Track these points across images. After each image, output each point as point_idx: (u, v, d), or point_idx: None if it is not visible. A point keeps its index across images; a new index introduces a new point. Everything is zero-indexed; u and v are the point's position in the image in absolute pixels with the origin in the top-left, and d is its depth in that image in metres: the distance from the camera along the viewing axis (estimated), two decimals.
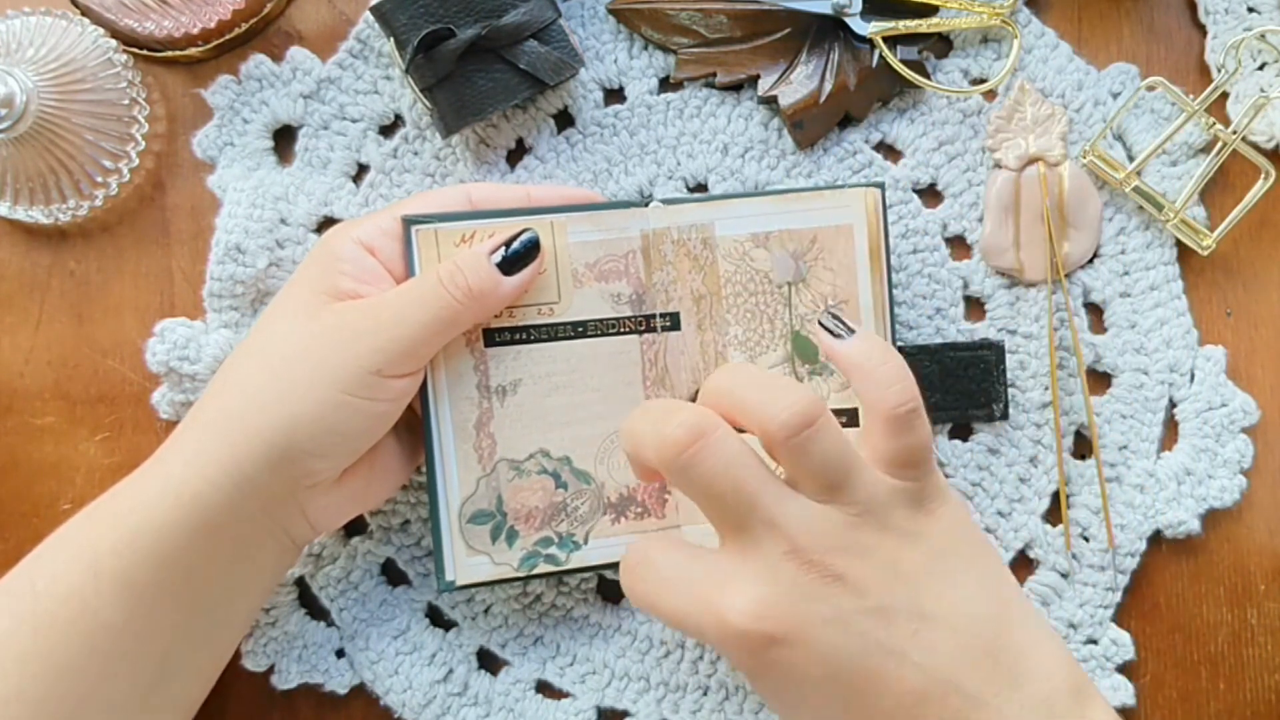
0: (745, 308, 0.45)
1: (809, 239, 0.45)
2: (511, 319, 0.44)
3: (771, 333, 0.46)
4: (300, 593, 0.49)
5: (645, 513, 0.46)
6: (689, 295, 0.46)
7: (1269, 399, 0.50)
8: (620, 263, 0.45)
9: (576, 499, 0.45)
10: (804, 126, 0.49)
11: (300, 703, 0.49)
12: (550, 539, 0.45)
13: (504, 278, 0.42)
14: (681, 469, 0.36)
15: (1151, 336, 0.50)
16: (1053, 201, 0.49)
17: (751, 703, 0.49)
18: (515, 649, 0.49)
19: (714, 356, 0.46)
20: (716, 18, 0.49)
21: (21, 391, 0.50)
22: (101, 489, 0.41)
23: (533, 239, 0.43)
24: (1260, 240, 0.50)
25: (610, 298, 0.45)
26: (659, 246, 0.45)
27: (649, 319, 0.46)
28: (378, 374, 0.40)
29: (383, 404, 0.41)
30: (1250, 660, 0.50)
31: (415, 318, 0.41)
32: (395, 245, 0.43)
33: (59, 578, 0.39)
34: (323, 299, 0.41)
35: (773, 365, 0.46)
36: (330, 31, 0.50)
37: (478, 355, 0.44)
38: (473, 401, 0.44)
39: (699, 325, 0.46)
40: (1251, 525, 0.50)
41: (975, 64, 0.50)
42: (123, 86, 0.48)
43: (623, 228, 0.45)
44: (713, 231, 0.45)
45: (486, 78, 0.46)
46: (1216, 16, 0.50)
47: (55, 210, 0.48)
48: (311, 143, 0.50)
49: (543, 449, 0.45)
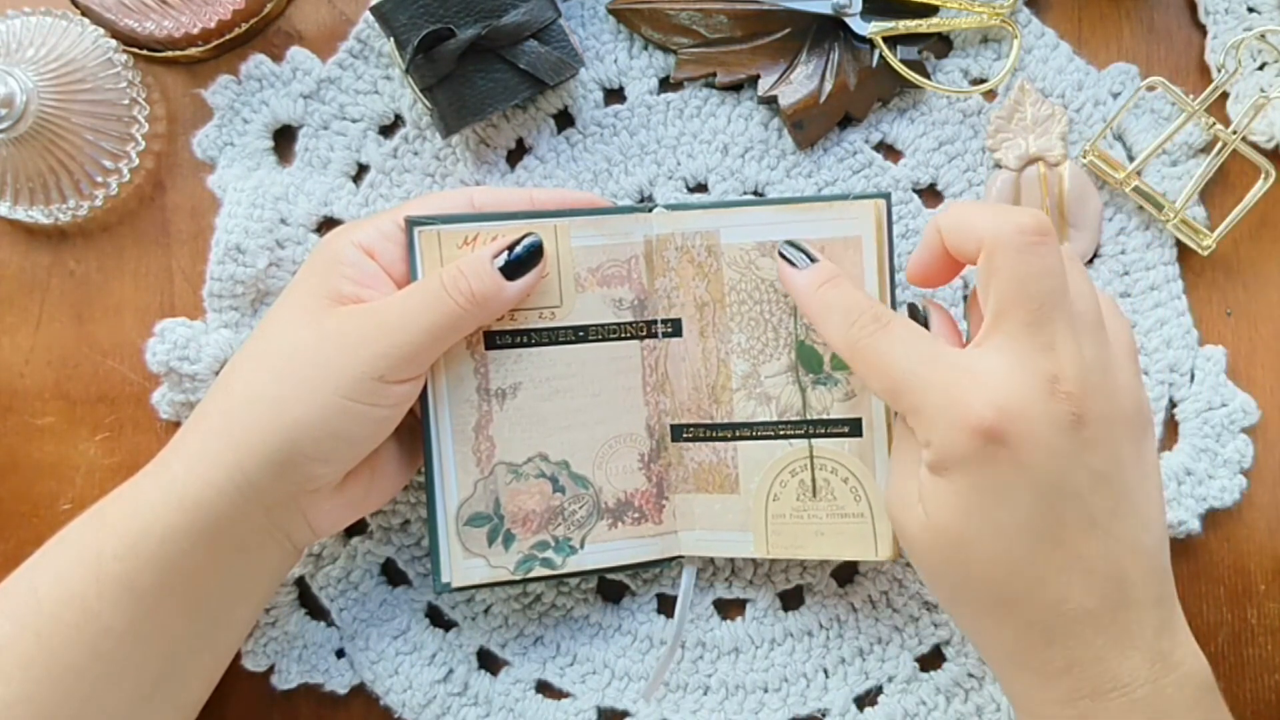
0: (750, 315, 0.45)
1: (817, 249, 0.44)
2: (513, 322, 0.44)
3: (776, 341, 0.45)
4: (300, 593, 0.49)
5: (643, 518, 0.46)
6: (692, 302, 0.46)
7: (1269, 399, 0.50)
8: (623, 268, 0.45)
9: (574, 503, 0.45)
10: (804, 126, 0.49)
11: (300, 703, 0.49)
12: (547, 543, 0.45)
13: (507, 282, 0.42)
14: (1017, 250, 0.37)
15: (1151, 336, 0.50)
16: (1053, 201, 0.49)
17: (752, 702, 0.49)
18: (515, 649, 0.49)
19: (716, 364, 0.46)
20: (716, 18, 0.49)
21: (21, 391, 0.50)
22: (101, 489, 0.41)
23: (536, 243, 0.43)
24: (1260, 240, 0.51)
25: (612, 303, 0.45)
26: (662, 252, 0.45)
27: (650, 325, 0.46)
28: (380, 379, 0.40)
29: (385, 409, 0.41)
30: (1250, 660, 0.50)
31: (418, 323, 0.41)
32: (395, 248, 0.43)
33: (61, 582, 0.39)
34: (324, 303, 0.41)
35: (776, 374, 0.45)
36: (330, 31, 0.50)
37: (478, 358, 0.44)
38: (472, 404, 0.44)
39: (701, 332, 0.46)
40: (1251, 525, 0.50)
41: (975, 64, 0.50)
42: (123, 86, 0.48)
43: (626, 233, 0.45)
44: (718, 239, 0.45)
45: (486, 78, 0.46)
46: (1216, 16, 0.50)
47: (55, 210, 0.48)
48: (311, 143, 0.50)
49: (541, 453, 0.45)
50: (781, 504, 0.45)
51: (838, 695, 0.49)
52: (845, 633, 0.49)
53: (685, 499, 0.46)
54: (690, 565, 0.48)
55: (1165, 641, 0.37)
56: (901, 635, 0.49)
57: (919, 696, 0.48)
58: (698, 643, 0.49)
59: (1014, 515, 0.36)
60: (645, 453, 0.46)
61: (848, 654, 0.49)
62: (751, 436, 0.46)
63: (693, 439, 0.46)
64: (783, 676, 0.49)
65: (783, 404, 0.45)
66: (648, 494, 0.46)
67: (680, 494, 0.46)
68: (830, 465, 0.45)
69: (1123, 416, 0.38)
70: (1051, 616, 0.36)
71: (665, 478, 0.46)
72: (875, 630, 0.49)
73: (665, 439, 0.46)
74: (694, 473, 0.46)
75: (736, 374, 0.45)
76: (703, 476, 0.46)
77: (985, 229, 0.37)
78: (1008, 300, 0.37)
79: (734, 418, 0.46)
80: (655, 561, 0.47)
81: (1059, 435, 0.36)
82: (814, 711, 0.49)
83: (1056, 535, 0.36)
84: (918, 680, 0.49)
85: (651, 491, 0.46)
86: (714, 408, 0.46)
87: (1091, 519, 0.36)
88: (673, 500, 0.46)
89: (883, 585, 0.49)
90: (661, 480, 0.46)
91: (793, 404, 0.45)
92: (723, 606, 0.50)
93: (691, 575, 0.48)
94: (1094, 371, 0.37)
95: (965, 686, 0.48)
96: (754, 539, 0.46)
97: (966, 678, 0.49)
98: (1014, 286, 0.37)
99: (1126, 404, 0.38)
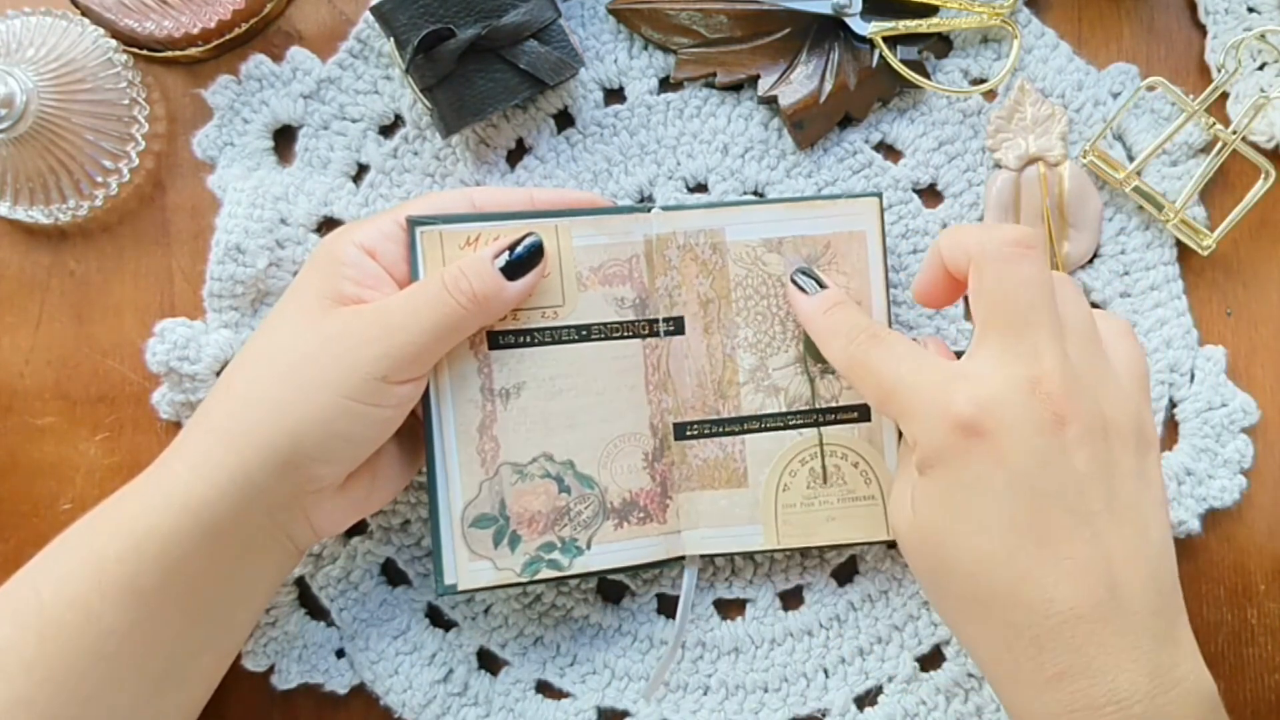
0: (756, 310, 0.46)
1: (823, 244, 0.45)
2: (516, 322, 0.44)
3: (783, 334, 0.46)
4: (300, 593, 0.49)
5: (648, 518, 0.46)
6: (695, 299, 0.46)
7: (1269, 399, 0.50)
8: (624, 267, 0.45)
9: (580, 503, 0.45)
10: (804, 126, 0.49)
11: (300, 703, 0.49)
12: (553, 544, 0.45)
13: (508, 282, 0.42)
14: (1003, 260, 0.37)
15: (1151, 336, 0.50)
16: (1053, 201, 0.49)
17: (752, 702, 0.49)
18: (515, 649, 0.49)
19: (722, 359, 0.46)
20: (716, 18, 0.49)
21: (21, 391, 0.50)
22: (101, 489, 0.41)
23: (536, 243, 0.43)
24: (1260, 240, 0.51)
25: (614, 302, 0.45)
26: (663, 251, 0.46)
27: (651, 323, 0.46)
28: (383, 380, 0.40)
29: (388, 409, 0.41)
30: (1250, 660, 0.50)
31: (420, 323, 0.41)
32: (396, 249, 0.43)
33: (64, 583, 0.39)
34: (326, 304, 0.41)
35: (784, 366, 0.46)
36: (330, 31, 0.50)
37: (481, 358, 0.44)
38: (476, 404, 0.44)
39: (706, 329, 0.46)
40: (1251, 525, 0.50)
41: (975, 64, 0.50)
42: (123, 86, 0.48)
43: (626, 232, 0.45)
44: (723, 236, 0.45)
45: (486, 78, 0.46)
46: (1216, 16, 0.50)
47: (55, 210, 0.48)
48: (311, 143, 0.50)
49: (546, 453, 0.45)
50: (792, 493, 0.46)
51: (838, 695, 0.49)
52: (845, 632, 0.49)
53: (689, 497, 0.46)
54: (692, 566, 0.48)
55: (1166, 656, 0.36)
56: (901, 635, 0.49)
57: (919, 696, 0.48)
58: (698, 643, 0.49)
59: (994, 511, 0.36)
60: (649, 452, 0.46)
61: (848, 654, 0.49)
62: (760, 429, 0.46)
63: (698, 435, 0.46)
64: (783, 676, 0.49)
65: (792, 395, 0.46)
66: (652, 493, 0.46)
67: (684, 493, 0.46)
68: (840, 451, 0.46)
69: (1115, 425, 0.37)
70: (1039, 619, 0.36)
71: (669, 477, 0.46)
72: (875, 630, 0.49)
73: (668, 438, 0.46)
74: (699, 470, 0.46)
75: (744, 368, 0.46)
76: (708, 473, 0.46)
77: (973, 243, 0.38)
78: (993, 308, 0.38)
79: (741, 411, 0.46)
80: (660, 562, 0.47)
81: (1038, 434, 0.36)
82: (814, 711, 0.49)
83: (1040, 534, 0.36)
84: (918, 680, 0.49)
85: (656, 491, 0.46)
86: (720, 403, 0.46)
87: (1079, 520, 0.36)
88: (676, 499, 0.46)
89: (883, 584, 0.49)
90: (665, 479, 0.46)
91: (802, 394, 0.46)
92: (723, 606, 0.50)
93: (693, 576, 0.48)
94: (1081, 377, 0.37)
95: (965, 686, 0.48)
96: (763, 530, 0.46)
97: (966, 678, 0.49)
98: (998, 295, 0.37)
99: (1120, 415, 0.38)
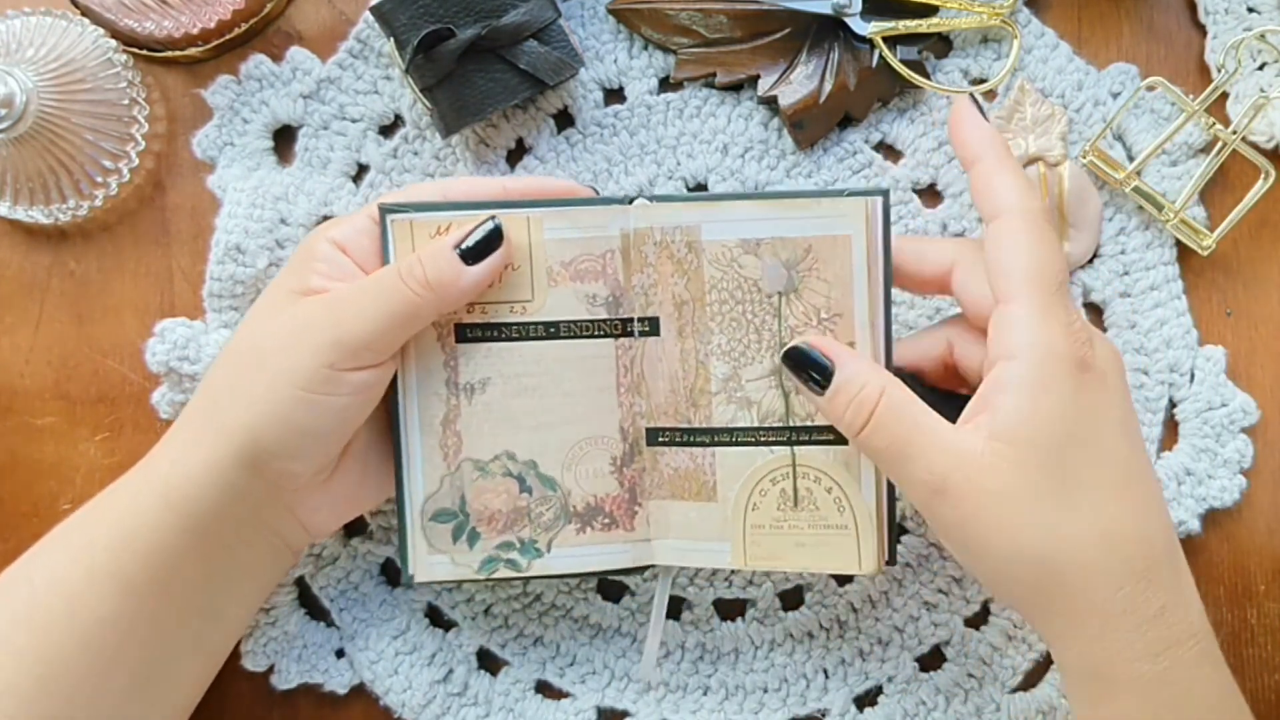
0: (730, 316, 0.43)
1: (803, 248, 0.41)
2: (484, 315, 0.43)
3: (759, 343, 0.42)
4: (300, 593, 0.49)
5: (613, 524, 0.44)
6: (670, 300, 0.43)
7: (1269, 399, 0.50)
8: (597, 262, 0.43)
9: (541, 505, 0.44)
10: (804, 126, 0.49)
11: (300, 703, 0.49)
12: (512, 543, 0.44)
13: (466, 268, 0.41)
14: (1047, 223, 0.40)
15: (1151, 336, 0.50)
16: (1053, 201, 0.49)
17: (752, 703, 0.49)
18: (515, 649, 0.49)
19: (695, 365, 0.43)
20: (716, 18, 0.49)
21: (21, 391, 0.50)
22: (101, 489, 0.42)
23: (495, 228, 0.42)
24: (1260, 240, 0.50)
25: (585, 299, 0.43)
26: (640, 247, 0.43)
27: (625, 323, 0.44)
28: (331, 367, 0.39)
29: (343, 398, 0.40)
30: (1250, 660, 0.50)
31: (371, 311, 0.40)
32: (370, 242, 0.42)
33: (56, 574, 0.40)
34: (292, 297, 0.41)
35: (759, 377, 0.43)
36: (330, 31, 0.50)
37: (448, 351, 0.43)
38: (441, 397, 0.43)
39: (680, 332, 0.43)
40: (1251, 525, 0.50)
41: (975, 64, 0.50)
42: (123, 86, 0.48)
43: (601, 226, 0.43)
44: (699, 235, 0.42)
45: (486, 78, 0.46)
46: (1216, 16, 0.50)
47: (55, 210, 0.48)
48: (311, 143, 0.50)
49: (508, 451, 0.44)
50: (761, 514, 0.43)
51: (838, 696, 0.49)
52: (845, 633, 0.49)
53: (660, 505, 0.44)
54: (665, 576, 0.46)
55: None
56: (901, 635, 0.49)
57: (919, 697, 0.48)
58: (698, 643, 0.49)
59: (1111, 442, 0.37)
60: (618, 456, 0.44)
61: (848, 654, 0.49)
62: (731, 442, 0.43)
63: (669, 443, 0.44)
64: (782, 677, 0.49)
65: (764, 409, 0.43)
66: (619, 499, 0.44)
67: (655, 500, 0.44)
68: (813, 474, 0.43)
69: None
70: (1148, 551, 0.37)
71: (639, 483, 0.44)
72: (875, 630, 0.49)
73: (640, 442, 0.44)
74: (669, 478, 0.44)
75: (716, 377, 0.43)
76: (678, 483, 0.44)
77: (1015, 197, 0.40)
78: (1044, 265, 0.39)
79: (713, 422, 0.43)
80: (626, 570, 0.45)
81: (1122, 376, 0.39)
82: (814, 712, 0.49)
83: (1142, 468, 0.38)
84: (918, 680, 0.49)
85: (623, 497, 0.44)
86: (692, 411, 0.43)
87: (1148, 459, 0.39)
88: (646, 507, 0.45)
89: (883, 585, 0.49)
90: (634, 485, 0.45)
91: (775, 409, 0.43)
92: (723, 607, 0.50)
93: (666, 585, 0.46)
94: None
95: (965, 687, 0.48)
96: (731, 549, 0.44)
97: (966, 678, 0.49)
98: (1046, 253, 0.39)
99: None
